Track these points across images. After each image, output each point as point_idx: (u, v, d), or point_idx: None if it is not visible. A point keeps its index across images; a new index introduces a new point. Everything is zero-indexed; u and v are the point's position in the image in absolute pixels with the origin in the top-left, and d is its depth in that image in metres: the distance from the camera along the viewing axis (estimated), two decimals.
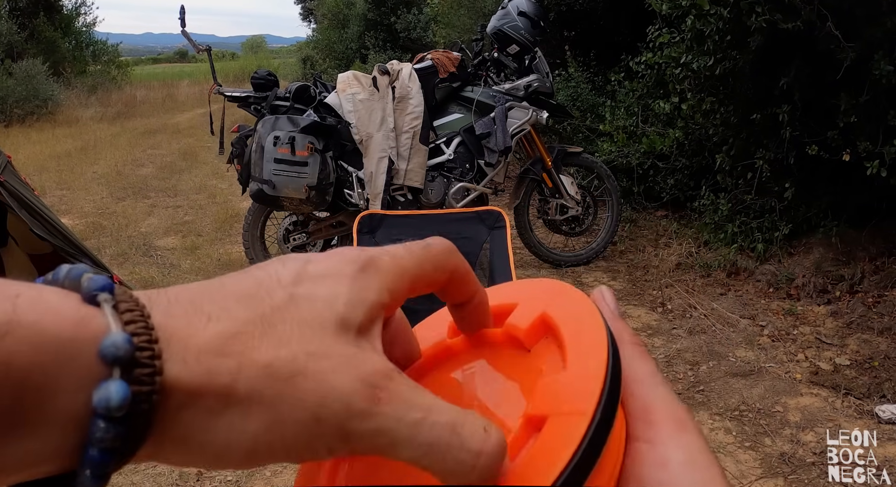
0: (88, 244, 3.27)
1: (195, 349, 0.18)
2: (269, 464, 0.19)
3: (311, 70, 11.07)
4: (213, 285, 0.20)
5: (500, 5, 3.64)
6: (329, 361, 0.19)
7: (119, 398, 0.16)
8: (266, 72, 3.39)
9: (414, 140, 3.27)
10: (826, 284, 3.11)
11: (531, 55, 3.52)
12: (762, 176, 3.44)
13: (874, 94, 2.72)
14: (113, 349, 0.17)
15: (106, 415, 0.17)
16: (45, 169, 6.37)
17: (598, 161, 3.80)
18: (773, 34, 2.90)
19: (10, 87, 9.66)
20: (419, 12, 10.13)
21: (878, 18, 2.63)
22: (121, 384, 0.17)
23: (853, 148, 2.82)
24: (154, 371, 0.17)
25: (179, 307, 0.19)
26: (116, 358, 0.17)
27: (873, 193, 3.01)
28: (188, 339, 0.18)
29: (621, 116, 4.43)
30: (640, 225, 4.24)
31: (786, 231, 3.38)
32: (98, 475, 0.17)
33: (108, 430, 0.17)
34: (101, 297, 0.18)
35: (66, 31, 13.26)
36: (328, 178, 3.09)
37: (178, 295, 0.19)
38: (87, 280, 0.18)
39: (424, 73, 3.35)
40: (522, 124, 3.38)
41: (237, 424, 0.18)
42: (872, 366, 2.50)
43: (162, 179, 6.19)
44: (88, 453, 0.17)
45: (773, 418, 2.23)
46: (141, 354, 0.17)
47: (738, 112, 3.48)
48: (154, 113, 11.42)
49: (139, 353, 0.17)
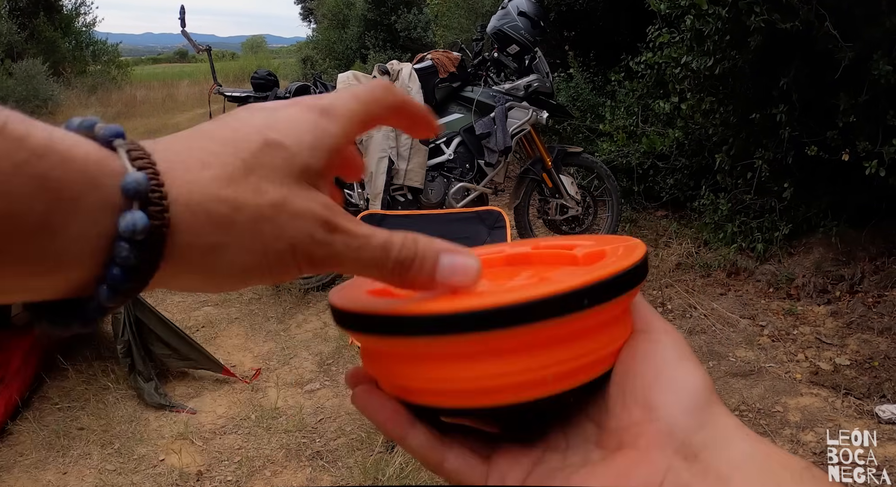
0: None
1: (198, 193, 0.22)
2: (255, 285, 0.25)
3: (311, 70, 11.06)
4: (196, 134, 0.24)
5: (500, 5, 3.64)
6: (298, 203, 0.23)
7: (143, 224, 0.20)
8: (266, 72, 3.39)
9: (414, 140, 3.27)
10: (826, 284, 3.11)
11: (531, 55, 3.52)
12: (762, 176, 3.44)
13: (873, 93, 2.72)
14: (135, 184, 0.20)
15: (130, 238, 0.20)
16: None
17: (598, 161, 3.80)
18: (772, 34, 2.90)
19: (10, 87, 9.66)
20: (419, 12, 10.12)
21: (877, 18, 2.63)
22: (142, 214, 0.20)
23: (852, 148, 2.82)
24: (163, 208, 0.20)
25: (175, 155, 0.22)
26: (137, 192, 0.20)
27: (873, 193, 3.01)
28: (189, 184, 0.21)
29: (621, 116, 4.43)
30: (640, 225, 4.24)
31: (786, 231, 3.38)
32: (116, 291, 0.20)
33: (131, 250, 0.20)
34: (117, 142, 0.21)
35: (66, 31, 13.24)
36: None
37: (172, 145, 0.23)
38: (100, 128, 0.21)
39: (424, 73, 3.35)
40: (522, 124, 3.38)
41: (233, 254, 0.22)
42: (872, 366, 2.50)
43: None
44: (111, 271, 0.20)
45: (773, 418, 2.23)
46: (153, 194, 0.20)
47: (738, 112, 3.48)
48: (154, 113, 11.42)
49: (151, 194, 0.20)
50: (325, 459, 2.13)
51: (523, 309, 0.23)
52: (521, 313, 0.23)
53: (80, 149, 0.20)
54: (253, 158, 0.23)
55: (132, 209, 0.20)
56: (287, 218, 0.23)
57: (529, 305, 0.23)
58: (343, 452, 2.15)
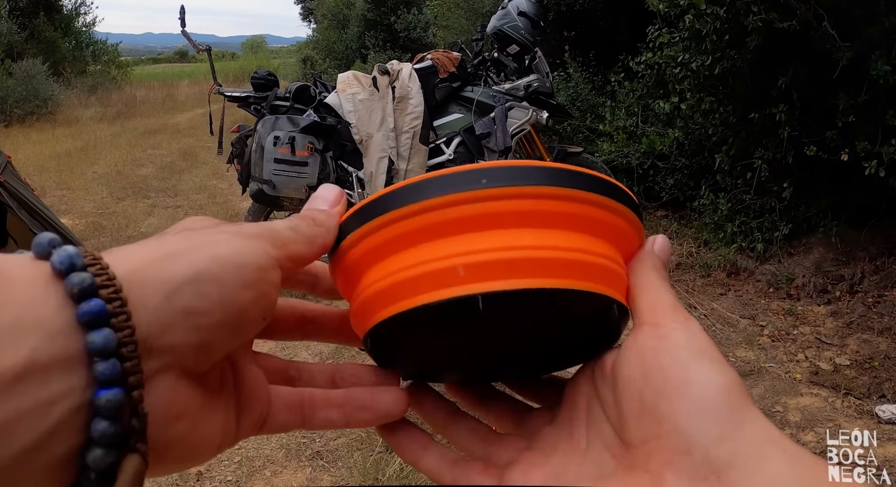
0: (88, 244, 3.27)
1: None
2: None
3: (311, 70, 11.06)
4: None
5: (500, 5, 3.64)
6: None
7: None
8: (266, 72, 3.39)
9: (414, 140, 3.27)
10: (826, 284, 3.11)
11: (531, 55, 3.52)
12: (761, 176, 3.44)
13: (873, 93, 2.72)
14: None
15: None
16: (45, 169, 6.37)
17: (599, 161, 3.80)
18: (771, 34, 2.90)
19: (10, 87, 9.65)
20: (419, 12, 10.12)
21: (876, 18, 2.63)
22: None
23: (852, 148, 2.82)
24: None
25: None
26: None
27: (873, 193, 3.02)
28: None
29: (621, 116, 4.43)
30: None
31: (785, 231, 3.38)
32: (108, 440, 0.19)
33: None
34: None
35: (66, 31, 13.24)
36: (328, 178, 3.09)
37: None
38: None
39: (424, 73, 3.35)
40: (522, 124, 3.38)
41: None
42: (872, 366, 2.50)
43: (162, 180, 6.19)
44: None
45: (773, 418, 2.23)
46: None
47: (738, 112, 3.48)
48: (154, 113, 11.42)
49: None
50: (325, 459, 2.13)
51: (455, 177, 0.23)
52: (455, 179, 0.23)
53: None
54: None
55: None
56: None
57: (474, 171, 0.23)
58: (343, 452, 2.15)
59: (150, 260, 0.21)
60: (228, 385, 0.26)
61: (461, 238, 0.24)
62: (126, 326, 0.19)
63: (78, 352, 0.18)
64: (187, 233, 0.24)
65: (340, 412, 0.28)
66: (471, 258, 0.23)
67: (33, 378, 0.17)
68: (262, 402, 0.27)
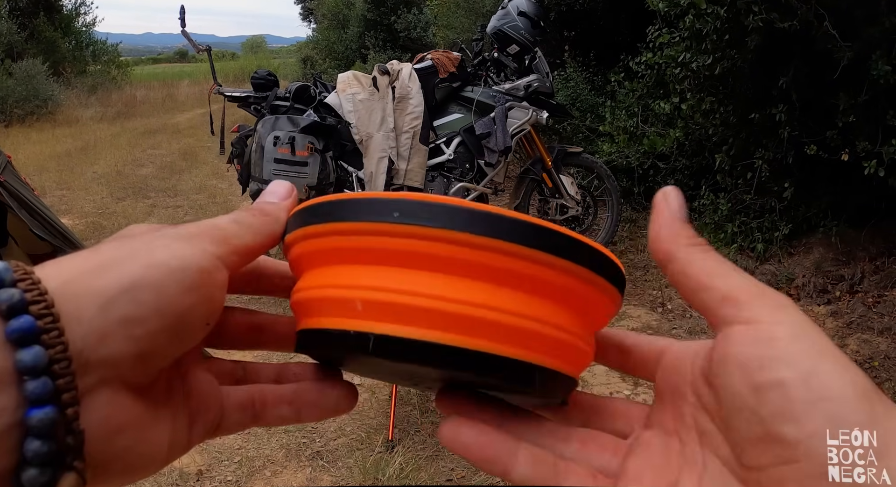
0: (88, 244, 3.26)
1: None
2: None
3: (311, 70, 11.06)
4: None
5: (500, 5, 3.64)
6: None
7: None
8: (266, 72, 3.39)
9: (414, 140, 3.27)
10: (826, 284, 3.11)
11: (531, 55, 3.52)
12: (762, 176, 3.44)
13: (873, 93, 2.72)
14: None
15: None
16: (45, 169, 6.37)
17: (598, 161, 3.80)
18: (771, 34, 2.90)
19: (10, 87, 9.65)
20: (419, 12, 10.12)
21: (876, 18, 2.63)
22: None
23: (852, 148, 2.82)
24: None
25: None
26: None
27: (873, 193, 3.01)
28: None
29: (621, 116, 4.43)
30: (640, 225, 4.24)
31: (785, 231, 3.38)
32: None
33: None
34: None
35: (66, 31, 13.24)
36: (328, 178, 3.09)
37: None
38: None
39: (424, 73, 3.35)
40: (522, 124, 3.38)
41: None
42: (872, 366, 2.50)
43: (162, 179, 6.19)
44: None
45: None
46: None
47: (738, 112, 3.48)
48: (154, 113, 11.42)
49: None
50: (325, 459, 2.13)
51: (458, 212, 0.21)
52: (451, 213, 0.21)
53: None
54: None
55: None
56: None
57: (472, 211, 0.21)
58: (343, 452, 2.15)
59: (83, 271, 0.21)
60: (177, 393, 0.25)
61: (370, 270, 0.23)
62: (58, 342, 0.19)
63: (7, 370, 0.18)
64: (123, 240, 0.23)
65: (291, 408, 0.28)
66: (371, 295, 0.22)
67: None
68: (214, 406, 0.27)
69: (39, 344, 0.18)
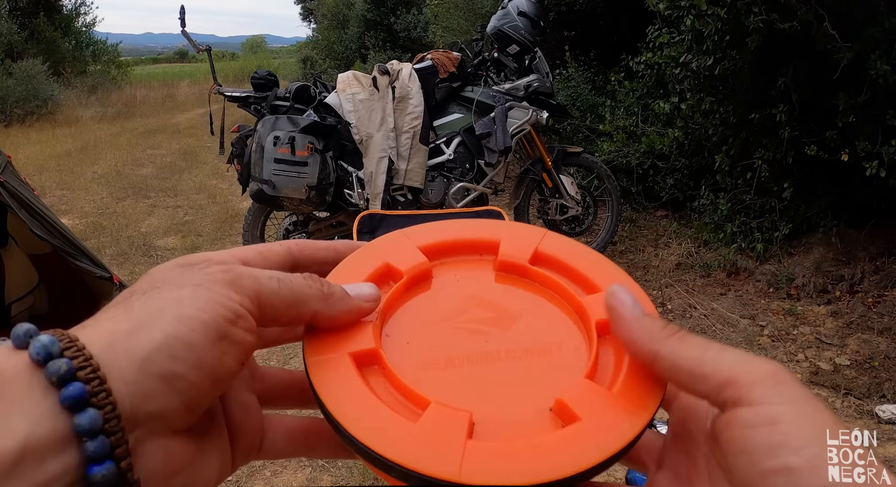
0: (88, 244, 3.27)
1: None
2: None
3: (311, 70, 11.06)
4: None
5: (500, 5, 3.64)
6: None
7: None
8: (266, 72, 3.39)
9: (414, 140, 3.27)
10: (826, 284, 3.11)
11: (531, 55, 3.52)
12: (761, 176, 3.44)
13: (873, 94, 2.72)
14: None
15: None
16: (45, 169, 6.37)
17: (598, 161, 3.80)
18: (771, 34, 2.90)
19: (10, 87, 9.64)
20: (419, 12, 10.12)
21: (876, 18, 2.63)
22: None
23: (852, 148, 2.82)
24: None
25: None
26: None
27: (873, 193, 3.02)
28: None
29: (621, 116, 4.43)
30: (639, 225, 4.24)
31: (785, 231, 3.38)
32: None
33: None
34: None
35: (66, 31, 13.23)
36: (328, 178, 3.09)
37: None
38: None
39: (424, 73, 3.35)
40: (522, 124, 3.38)
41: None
42: (872, 366, 2.50)
43: (162, 179, 6.19)
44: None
45: None
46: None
47: (738, 112, 3.48)
48: (154, 113, 11.42)
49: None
50: (325, 459, 2.13)
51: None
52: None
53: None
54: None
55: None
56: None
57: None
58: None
59: (121, 333, 0.22)
60: (218, 416, 0.26)
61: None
62: (107, 403, 0.20)
63: (67, 433, 0.20)
64: (152, 294, 0.24)
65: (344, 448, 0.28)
66: None
67: (29, 462, 0.19)
68: (254, 430, 0.28)
69: (92, 407, 0.20)
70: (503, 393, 0.27)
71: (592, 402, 0.26)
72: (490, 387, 0.27)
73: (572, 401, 0.26)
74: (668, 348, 0.25)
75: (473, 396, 0.27)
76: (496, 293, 0.32)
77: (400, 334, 0.30)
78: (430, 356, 0.29)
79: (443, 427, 0.25)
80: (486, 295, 0.32)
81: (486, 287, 0.33)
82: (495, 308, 0.31)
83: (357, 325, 0.29)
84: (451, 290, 0.32)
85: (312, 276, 0.28)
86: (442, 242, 0.34)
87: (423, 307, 0.31)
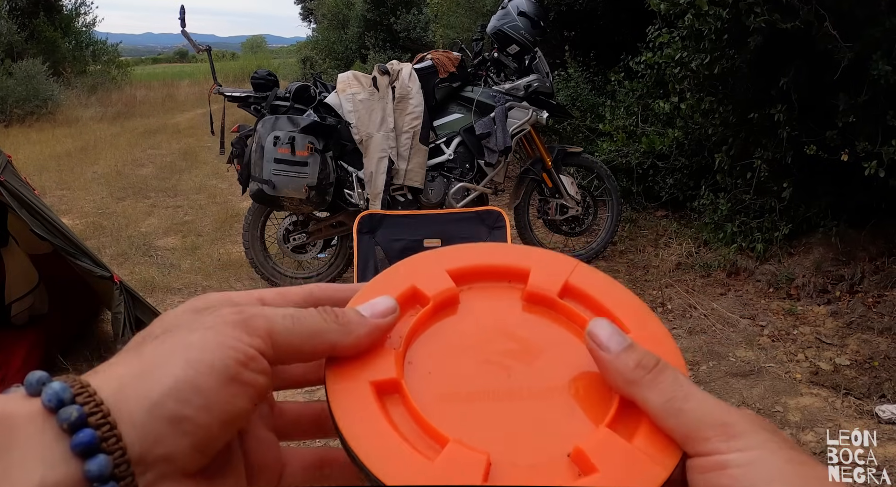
0: (88, 244, 3.27)
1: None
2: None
3: (311, 70, 11.07)
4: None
5: (500, 5, 3.64)
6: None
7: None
8: (266, 72, 3.39)
9: (414, 140, 3.27)
10: (826, 284, 3.11)
11: (531, 55, 3.52)
12: (761, 176, 3.44)
13: (873, 94, 2.71)
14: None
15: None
16: (45, 169, 6.37)
17: (598, 161, 3.80)
18: (772, 34, 2.90)
19: (10, 87, 9.64)
20: (419, 12, 10.12)
21: (877, 18, 2.63)
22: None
23: (852, 148, 2.82)
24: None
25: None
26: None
27: (873, 193, 3.01)
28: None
29: (621, 115, 4.43)
30: (639, 225, 4.24)
31: (785, 231, 3.38)
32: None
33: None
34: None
35: (66, 31, 13.22)
36: (328, 178, 3.09)
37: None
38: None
39: (424, 73, 3.35)
40: (522, 124, 3.38)
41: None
42: (872, 366, 2.50)
43: (162, 179, 6.19)
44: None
45: (773, 418, 2.23)
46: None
47: (737, 112, 3.48)
48: (154, 113, 11.41)
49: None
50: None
51: None
52: None
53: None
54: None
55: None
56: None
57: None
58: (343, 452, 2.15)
59: (131, 378, 0.23)
60: (236, 458, 0.27)
61: None
62: (117, 448, 0.21)
63: (79, 478, 0.20)
64: (162, 339, 0.24)
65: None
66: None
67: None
68: (273, 466, 0.28)
69: (101, 452, 0.20)
70: (522, 434, 0.27)
71: (611, 454, 0.26)
72: (509, 427, 0.27)
73: (591, 451, 0.26)
74: (640, 395, 0.26)
75: (492, 435, 0.27)
76: (522, 325, 0.32)
77: (422, 362, 0.30)
78: (451, 387, 0.28)
79: (460, 469, 0.25)
80: (512, 326, 0.32)
81: (513, 318, 0.32)
82: (520, 341, 0.31)
83: (380, 351, 0.29)
84: (477, 317, 0.32)
85: (326, 308, 0.28)
86: (472, 266, 0.33)
87: (448, 333, 0.31)
